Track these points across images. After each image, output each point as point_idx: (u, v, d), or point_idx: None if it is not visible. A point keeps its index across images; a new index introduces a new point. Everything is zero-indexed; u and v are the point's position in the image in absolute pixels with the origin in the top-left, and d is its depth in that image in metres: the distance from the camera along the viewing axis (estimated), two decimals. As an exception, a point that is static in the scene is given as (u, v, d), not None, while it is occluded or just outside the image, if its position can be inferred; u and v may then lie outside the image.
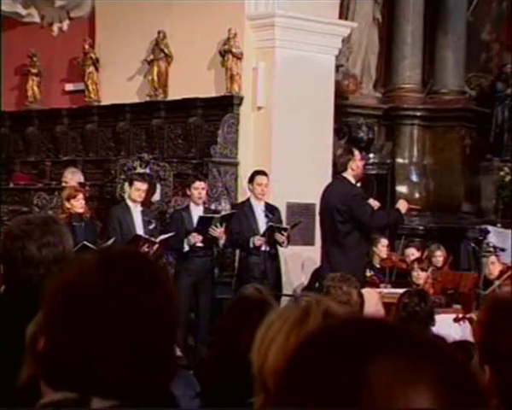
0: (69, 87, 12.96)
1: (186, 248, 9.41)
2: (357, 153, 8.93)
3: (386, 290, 8.40)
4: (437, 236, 12.22)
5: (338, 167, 8.90)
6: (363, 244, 8.82)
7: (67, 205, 8.98)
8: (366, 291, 6.18)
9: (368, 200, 9.01)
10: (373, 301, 5.44)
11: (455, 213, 12.62)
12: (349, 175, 8.76)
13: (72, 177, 10.91)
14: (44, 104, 13.07)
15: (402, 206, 9.07)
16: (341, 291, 4.30)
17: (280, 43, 10.74)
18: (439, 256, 10.52)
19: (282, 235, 9.56)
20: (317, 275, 9.64)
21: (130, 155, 11.41)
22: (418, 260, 9.93)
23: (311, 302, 1.64)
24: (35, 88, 13.11)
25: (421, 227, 12.66)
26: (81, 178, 11.10)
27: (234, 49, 10.78)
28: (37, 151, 12.98)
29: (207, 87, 11.11)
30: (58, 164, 11.99)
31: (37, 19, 13.43)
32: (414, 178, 12.84)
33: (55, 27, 13.22)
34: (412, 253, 10.63)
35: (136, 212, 9.35)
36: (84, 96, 12.44)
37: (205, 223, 9.33)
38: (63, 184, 10.49)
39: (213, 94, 11.10)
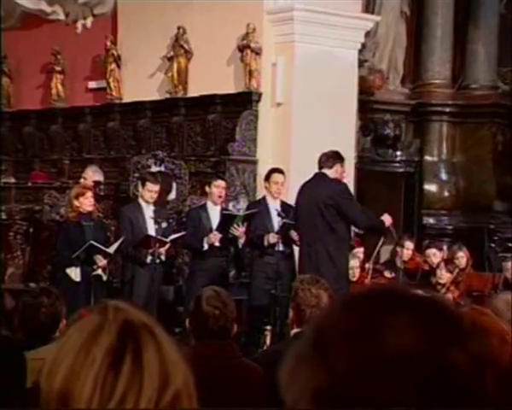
0: (92, 85, 12.85)
1: (205, 246, 9.19)
2: (343, 164, 8.71)
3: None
4: (467, 235, 11.83)
5: (321, 162, 8.62)
6: (345, 241, 8.57)
7: (76, 203, 8.82)
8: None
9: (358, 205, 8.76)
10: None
11: (486, 212, 12.21)
12: (331, 175, 8.54)
13: (93, 175, 10.82)
14: (68, 102, 12.99)
15: (386, 219, 8.78)
16: (310, 294, 4.04)
17: (299, 37, 10.48)
18: (462, 257, 10.16)
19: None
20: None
21: (150, 153, 11.25)
22: (446, 261, 9.59)
23: (109, 312, 1.39)
24: (59, 86, 13.02)
25: (450, 227, 12.28)
26: (101, 178, 10.99)
27: (252, 45, 10.54)
28: (60, 150, 12.89)
29: (227, 83, 10.90)
30: (76, 162, 11.89)
31: (61, 16, 13.35)
32: (443, 176, 12.46)
33: (79, 24, 13.12)
34: (434, 253, 10.28)
35: (149, 211, 9.14)
36: (107, 93, 12.32)
37: (227, 221, 9.11)
38: (81, 181, 10.37)
39: (232, 90, 10.87)
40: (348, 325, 0.93)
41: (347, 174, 8.90)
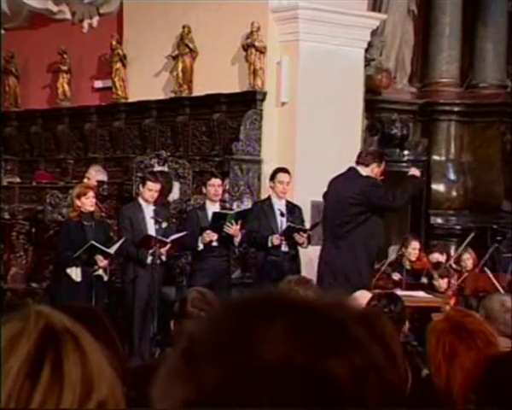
0: (98, 84, 12.82)
1: (200, 246, 9.12)
2: (384, 164, 8.61)
3: (401, 293, 7.96)
4: (475, 236, 11.69)
5: (358, 158, 8.53)
6: (373, 244, 8.46)
7: (78, 203, 8.78)
8: (360, 294, 5.82)
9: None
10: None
11: (494, 212, 12.08)
12: (365, 172, 8.43)
13: (96, 174, 10.77)
14: (74, 102, 12.95)
15: (414, 172, 8.83)
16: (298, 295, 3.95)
17: (304, 36, 10.39)
18: (468, 259, 10.05)
19: (302, 236, 9.19)
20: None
21: (153, 152, 11.19)
22: (435, 265, 9.43)
23: (31, 318, 1.31)
24: (65, 85, 12.99)
25: (458, 227, 12.16)
26: (104, 178, 10.93)
27: (257, 43, 10.47)
28: (67, 149, 12.87)
29: (231, 82, 10.84)
30: (81, 162, 11.85)
31: (68, 16, 13.33)
32: (451, 175, 12.34)
33: (85, 24, 13.09)
34: (436, 257, 10.16)
35: (149, 211, 9.07)
36: (112, 93, 12.27)
37: (219, 220, 9.03)
38: (85, 181, 10.32)
39: (237, 89, 10.80)
40: (219, 337, 0.86)
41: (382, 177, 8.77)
